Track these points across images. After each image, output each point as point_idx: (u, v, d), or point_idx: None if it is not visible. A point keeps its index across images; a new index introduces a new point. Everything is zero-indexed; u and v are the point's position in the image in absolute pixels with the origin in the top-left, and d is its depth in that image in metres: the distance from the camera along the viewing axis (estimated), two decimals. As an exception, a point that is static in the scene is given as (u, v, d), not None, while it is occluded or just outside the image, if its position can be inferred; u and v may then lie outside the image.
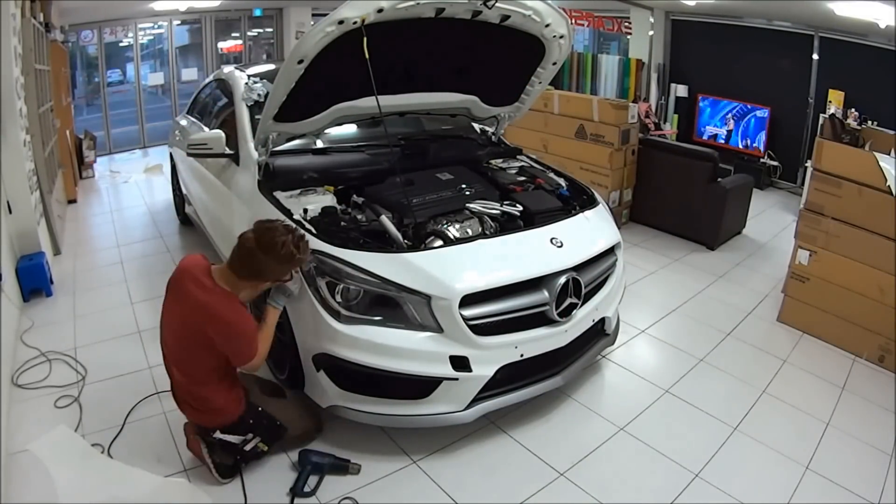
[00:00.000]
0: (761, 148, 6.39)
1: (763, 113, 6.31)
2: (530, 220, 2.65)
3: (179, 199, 4.66)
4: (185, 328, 1.96)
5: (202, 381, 2.02)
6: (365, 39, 2.26)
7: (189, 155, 3.13)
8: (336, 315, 2.20)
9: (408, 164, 2.97)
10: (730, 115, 6.63)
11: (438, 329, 2.20)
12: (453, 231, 2.51)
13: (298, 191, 2.70)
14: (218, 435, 2.08)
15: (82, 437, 2.35)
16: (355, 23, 2.24)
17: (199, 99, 4.33)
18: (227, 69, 3.81)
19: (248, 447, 2.12)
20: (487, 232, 2.58)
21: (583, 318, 2.51)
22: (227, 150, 2.95)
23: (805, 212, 3.38)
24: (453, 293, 2.17)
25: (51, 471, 2.15)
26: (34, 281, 3.46)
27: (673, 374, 2.94)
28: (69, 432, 2.36)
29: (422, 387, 2.22)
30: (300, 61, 2.33)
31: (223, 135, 2.96)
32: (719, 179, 4.57)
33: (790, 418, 2.68)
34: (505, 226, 2.63)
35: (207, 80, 4.34)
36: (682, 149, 4.95)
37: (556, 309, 2.34)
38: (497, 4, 2.47)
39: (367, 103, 2.71)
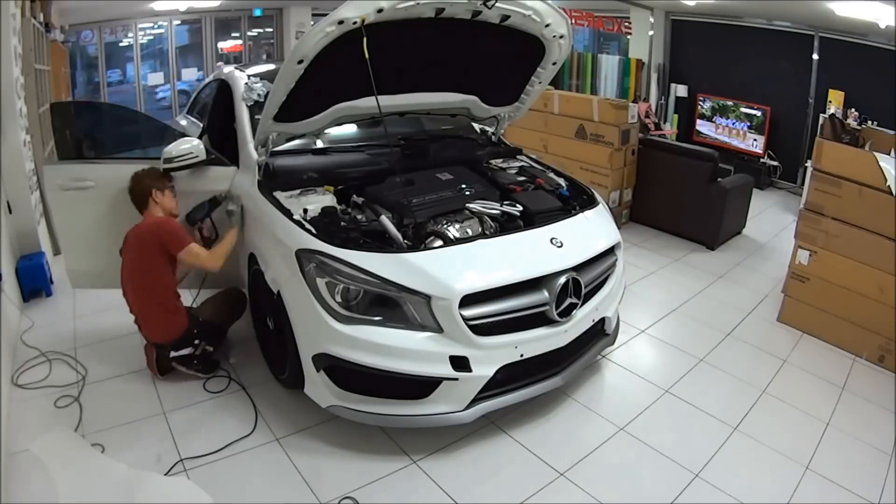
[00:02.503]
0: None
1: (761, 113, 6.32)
2: (530, 220, 2.65)
3: (179, 198, 4.64)
4: (139, 259, 2.56)
5: (155, 304, 2.61)
6: (365, 39, 2.26)
7: (168, 170, 2.78)
8: (336, 315, 2.20)
9: (408, 164, 2.97)
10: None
11: (438, 329, 2.20)
12: (453, 231, 2.51)
13: (298, 191, 2.69)
14: (173, 354, 2.65)
15: (82, 437, 2.35)
16: (355, 23, 2.24)
17: (199, 99, 4.33)
18: (227, 69, 3.80)
19: (198, 352, 2.68)
20: (487, 232, 2.58)
21: (583, 319, 2.51)
22: (223, 158, 2.92)
23: (805, 212, 3.38)
24: (453, 293, 2.17)
25: (51, 471, 2.15)
26: (34, 281, 3.46)
27: (673, 374, 2.94)
28: (69, 432, 2.36)
29: (422, 387, 2.22)
30: (300, 61, 2.33)
31: (200, 142, 2.84)
32: (719, 179, 4.57)
33: (790, 418, 2.68)
34: (505, 226, 2.63)
35: (207, 80, 4.34)
36: (682, 149, 4.95)
37: (556, 309, 2.34)
38: (497, 4, 2.47)
39: (367, 103, 2.71)
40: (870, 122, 5.31)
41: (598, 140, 4.88)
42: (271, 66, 3.64)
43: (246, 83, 3.22)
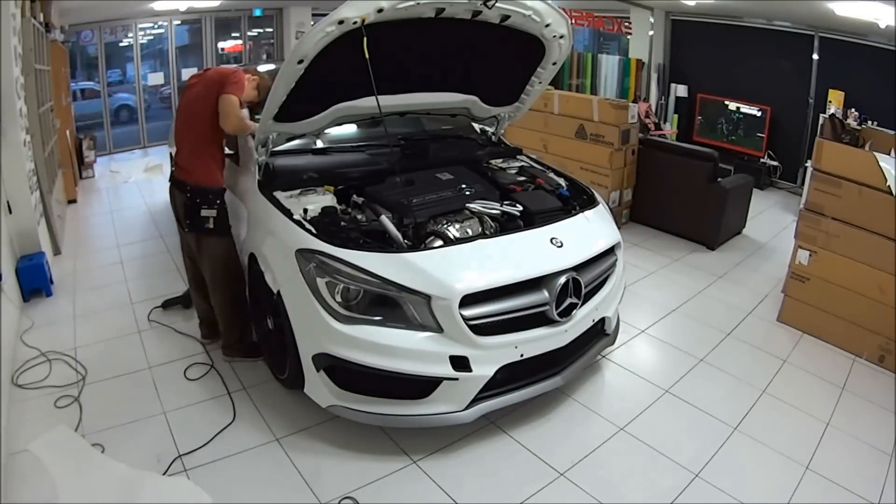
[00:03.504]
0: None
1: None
2: (530, 220, 2.65)
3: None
4: (201, 100, 2.57)
5: (199, 153, 2.62)
6: (365, 39, 2.26)
7: None
8: (336, 315, 2.20)
9: (408, 164, 2.97)
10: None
11: (438, 329, 2.20)
12: (453, 231, 2.51)
13: (298, 191, 2.70)
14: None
15: (82, 437, 2.35)
16: (355, 23, 2.24)
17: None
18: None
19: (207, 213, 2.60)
20: (487, 232, 2.58)
21: (583, 318, 2.51)
22: (227, 150, 2.95)
23: (805, 212, 3.38)
24: (453, 293, 2.17)
25: (51, 471, 2.15)
26: (34, 281, 3.46)
27: (673, 374, 2.94)
28: (69, 432, 2.36)
29: (422, 387, 2.22)
30: (300, 61, 2.33)
31: None
32: (719, 179, 4.57)
33: (790, 418, 2.68)
34: (505, 226, 2.63)
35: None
36: (682, 149, 4.95)
37: (556, 309, 2.34)
38: (497, 4, 2.48)
39: (367, 103, 2.71)
40: (870, 122, 5.30)
41: (598, 140, 4.88)
42: (271, 66, 3.65)
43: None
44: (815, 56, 5.99)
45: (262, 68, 3.60)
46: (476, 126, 3.69)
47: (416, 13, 2.38)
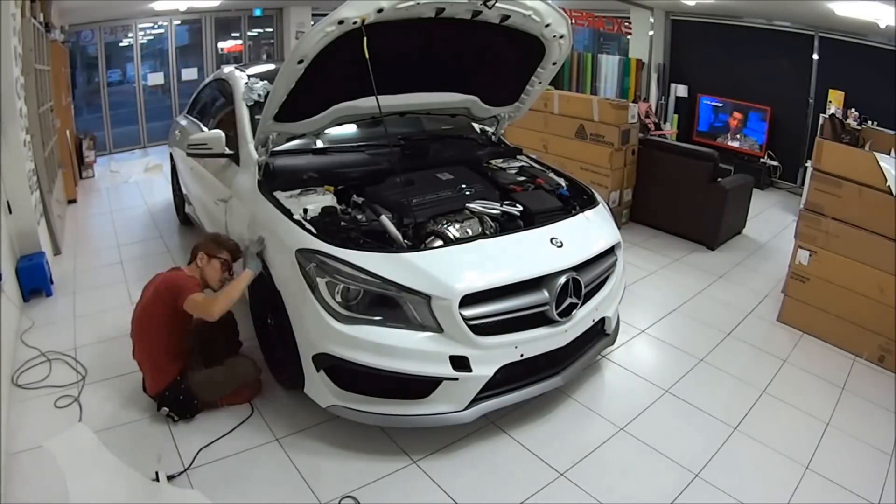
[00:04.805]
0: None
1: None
2: (530, 220, 2.65)
3: (179, 199, 4.66)
4: (148, 306, 2.46)
5: (147, 355, 2.50)
6: (365, 39, 2.26)
7: (189, 155, 3.13)
8: (336, 315, 2.20)
9: (408, 164, 2.97)
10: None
11: (438, 329, 2.20)
12: (453, 231, 2.51)
13: (298, 191, 2.70)
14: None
15: (95, 436, 2.35)
16: (355, 23, 2.24)
17: (199, 99, 4.33)
18: (227, 69, 3.80)
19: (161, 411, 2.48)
20: (487, 232, 2.58)
21: (583, 318, 2.51)
22: (227, 150, 2.95)
23: (805, 212, 3.38)
24: (453, 293, 2.17)
25: (52, 471, 2.16)
26: (34, 281, 3.46)
27: (673, 374, 2.94)
28: (86, 431, 2.36)
29: (422, 387, 2.22)
30: (300, 61, 2.33)
31: (223, 134, 2.96)
32: (719, 179, 4.57)
33: (790, 418, 2.68)
34: (505, 226, 2.63)
35: (207, 80, 4.34)
36: (682, 149, 4.95)
37: (556, 309, 2.34)
38: (497, 4, 2.47)
39: (367, 103, 2.71)
40: (870, 122, 5.30)
41: (598, 140, 4.88)
42: (271, 66, 3.64)
43: (246, 83, 3.23)
44: (815, 56, 5.99)
45: (262, 68, 3.63)
46: (476, 126, 3.69)
47: (416, 13, 2.38)
